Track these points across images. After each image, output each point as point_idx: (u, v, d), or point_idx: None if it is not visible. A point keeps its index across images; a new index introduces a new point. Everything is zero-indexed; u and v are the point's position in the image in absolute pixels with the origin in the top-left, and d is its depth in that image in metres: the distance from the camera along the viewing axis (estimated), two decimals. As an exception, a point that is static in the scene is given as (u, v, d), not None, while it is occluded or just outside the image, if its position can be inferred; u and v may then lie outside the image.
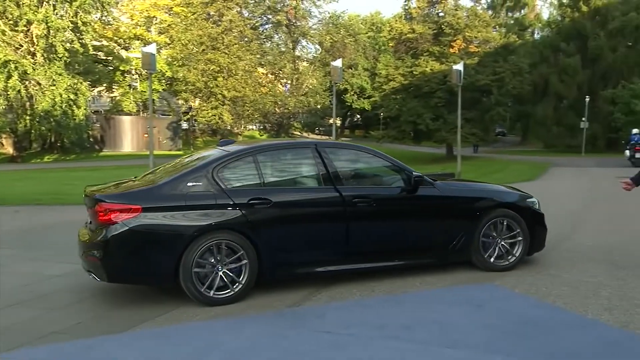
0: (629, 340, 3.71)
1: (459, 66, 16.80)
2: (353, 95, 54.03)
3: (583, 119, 35.31)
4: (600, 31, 39.08)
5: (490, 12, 46.96)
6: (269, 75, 38.38)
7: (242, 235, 4.52)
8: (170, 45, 37.04)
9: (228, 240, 4.47)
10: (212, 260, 4.45)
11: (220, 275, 4.46)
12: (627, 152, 23.19)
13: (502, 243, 5.43)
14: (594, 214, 9.56)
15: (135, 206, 4.33)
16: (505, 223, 5.42)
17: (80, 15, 29.96)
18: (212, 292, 4.44)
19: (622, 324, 3.98)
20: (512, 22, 53.54)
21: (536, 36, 52.64)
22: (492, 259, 5.39)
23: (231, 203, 4.55)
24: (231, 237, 4.48)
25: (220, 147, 5.20)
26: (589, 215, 9.34)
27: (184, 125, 39.15)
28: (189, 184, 4.54)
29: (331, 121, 37.10)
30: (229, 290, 4.49)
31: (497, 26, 40.78)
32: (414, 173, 5.19)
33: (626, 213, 9.43)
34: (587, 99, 35.48)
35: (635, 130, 23.77)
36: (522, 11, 56.12)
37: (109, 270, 4.37)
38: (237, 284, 4.51)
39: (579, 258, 6.05)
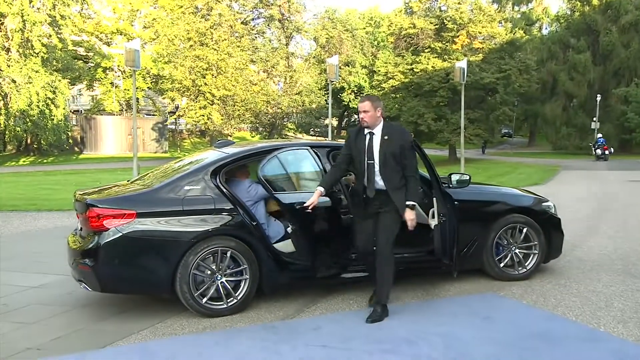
0: (644, 354, 3.71)
1: (463, 63, 16.88)
2: (350, 94, 54.09)
3: (594, 119, 35.58)
4: (612, 26, 39.39)
5: (495, 6, 47.30)
6: (261, 72, 38.38)
7: (243, 242, 4.54)
8: (156, 41, 37.02)
9: (228, 248, 4.48)
10: (213, 268, 4.48)
11: (219, 285, 4.48)
12: (598, 151, 31.04)
13: (516, 251, 5.45)
14: (607, 220, 9.58)
15: (130, 211, 4.33)
16: (519, 229, 5.43)
17: (59, 8, 29.92)
18: (206, 300, 4.46)
19: (637, 337, 3.99)
20: (518, 16, 53.93)
21: (544, 31, 53.04)
22: (502, 266, 5.42)
23: (232, 207, 4.56)
24: (231, 244, 4.50)
25: (218, 149, 5.20)
26: (601, 222, 9.36)
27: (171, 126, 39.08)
28: (186, 188, 4.56)
29: (327, 122, 37.15)
30: (231, 299, 4.53)
31: (502, 21, 41.01)
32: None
33: (640, 219, 9.48)
34: (599, 98, 35.74)
35: (599, 135, 32.78)
36: (530, 5, 56.54)
37: (101, 279, 4.36)
38: (238, 291, 4.55)
39: (590, 267, 6.07)
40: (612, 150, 32.00)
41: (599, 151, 31.24)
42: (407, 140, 4.41)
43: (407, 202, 4.33)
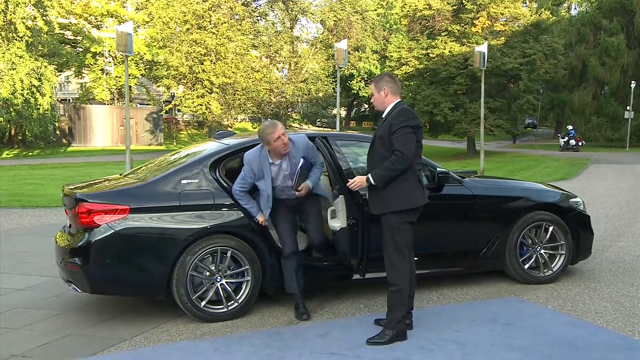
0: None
1: (483, 47, 16.77)
2: (360, 81, 53.99)
3: (628, 108, 35.28)
4: (649, 6, 38.97)
5: (519, -16, 46.88)
6: (264, 58, 38.34)
7: (244, 241, 4.56)
8: (150, 24, 37.06)
9: (228, 247, 4.50)
10: (212, 269, 4.50)
11: (218, 287, 4.51)
12: (572, 142, 33.89)
13: (542, 252, 5.43)
14: (640, 218, 9.55)
15: (123, 206, 4.36)
16: (544, 228, 5.41)
17: (44, -12, 29.98)
18: (207, 304, 4.50)
19: (673, 345, 3.97)
20: (544, -5, 53.44)
21: (573, 12, 52.57)
22: (527, 268, 5.41)
23: (232, 203, 4.59)
24: (232, 243, 4.52)
25: (219, 140, 5.23)
26: (634, 220, 9.32)
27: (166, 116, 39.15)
28: (183, 181, 4.58)
29: (335, 112, 37.13)
30: (232, 302, 4.56)
31: (527, 1, 40.72)
32: (437, 169, 5.13)
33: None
34: (633, 85, 35.43)
35: (570, 127, 36.40)
36: (557, -17, 56.04)
37: (91, 279, 4.40)
38: (239, 294, 4.59)
39: (623, 269, 6.05)
40: (583, 142, 34.82)
41: (572, 142, 33.81)
42: (399, 120, 3.92)
43: (370, 174, 3.98)
